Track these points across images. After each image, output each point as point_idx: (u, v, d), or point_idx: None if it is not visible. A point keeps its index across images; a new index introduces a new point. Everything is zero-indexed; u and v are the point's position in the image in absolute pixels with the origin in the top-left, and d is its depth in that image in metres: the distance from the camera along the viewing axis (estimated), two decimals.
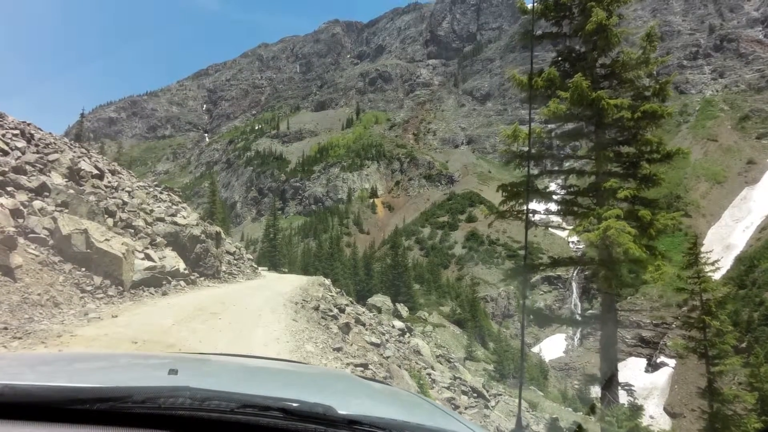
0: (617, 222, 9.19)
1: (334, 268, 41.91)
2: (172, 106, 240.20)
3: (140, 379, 1.57)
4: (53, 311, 5.84)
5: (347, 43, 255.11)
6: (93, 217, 9.38)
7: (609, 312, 11.21)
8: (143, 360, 2.25)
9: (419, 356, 14.65)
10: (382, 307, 34.24)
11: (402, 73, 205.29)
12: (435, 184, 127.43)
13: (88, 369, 1.62)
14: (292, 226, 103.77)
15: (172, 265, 11.23)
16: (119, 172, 17.90)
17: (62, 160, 12.27)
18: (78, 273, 7.74)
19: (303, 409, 1.04)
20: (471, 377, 19.00)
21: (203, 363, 2.11)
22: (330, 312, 10.65)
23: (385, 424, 1.11)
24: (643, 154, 11.16)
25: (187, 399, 1.01)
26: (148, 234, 11.94)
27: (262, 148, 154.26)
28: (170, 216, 14.36)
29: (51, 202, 9.05)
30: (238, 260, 19.35)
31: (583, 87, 9.99)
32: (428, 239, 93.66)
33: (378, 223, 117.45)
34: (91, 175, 13.55)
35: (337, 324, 9.79)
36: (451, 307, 45.48)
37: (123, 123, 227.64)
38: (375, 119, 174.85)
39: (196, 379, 1.56)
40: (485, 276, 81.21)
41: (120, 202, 12.80)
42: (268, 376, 1.96)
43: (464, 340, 34.37)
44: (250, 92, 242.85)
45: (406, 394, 2.26)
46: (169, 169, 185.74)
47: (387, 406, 1.71)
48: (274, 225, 39.77)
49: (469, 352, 28.73)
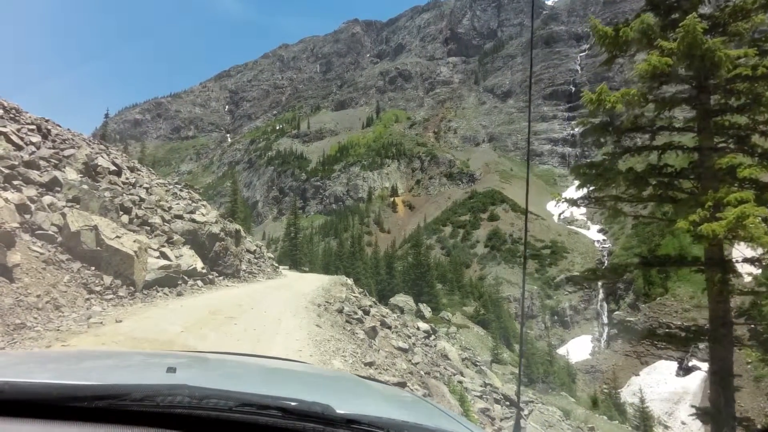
0: (756, 208, 6.89)
1: (356, 267, 41.30)
2: (195, 108, 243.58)
3: (139, 377, 1.53)
4: (51, 315, 5.30)
5: (367, 43, 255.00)
6: (105, 213, 8.90)
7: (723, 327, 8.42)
8: (142, 358, 2.19)
9: (447, 361, 13.89)
10: (404, 308, 33.54)
11: (422, 72, 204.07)
12: (456, 182, 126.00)
13: (87, 367, 1.60)
14: (313, 225, 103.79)
15: (188, 264, 10.71)
16: (138, 169, 17.58)
17: (78, 155, 11.89)
18: (87, 272, 7.23)
19: (301, 408, 1.04)
20: (500, 383, 18.17)
21: (202, 361, 2.08)
22: (354, 315, 9.97)
23: (383, 424, 1.11)
24: (758, 124, 8.67)
25: (185, 397, 1.01)
26: (165, 231, 11.47)
27: (283, 148, 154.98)
28: (189, 213, 13.90)
29: (62, 197, 8.60)
30: (259, 259, 18.87)
31: (697, 31, 7.49)
32: (449, 238, 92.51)
33: (398, 222, 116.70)
34: (108, 171, 13.16)
35: (362, 328, 9.11)
36: (475, 307, 44.44)
37: (148, 124, 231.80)
38: (395, 118, 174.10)
39: (194, 377, 1.56)
40: (508, 275, 79.67)
41: (137, 199, 12.37)
42: (266, 375, 1.93)
43: (489, 342, 33.40)
44: (271, 93, 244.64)
45: (405, 394, 2.19)
46: (192, 170, 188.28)
47: (386, 405, 1.69)
48: (294, 224, 39.31)
49: (495, 355, 27.76)
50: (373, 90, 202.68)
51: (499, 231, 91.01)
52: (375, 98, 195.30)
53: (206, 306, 7.93)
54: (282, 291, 12.43)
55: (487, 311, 42.87)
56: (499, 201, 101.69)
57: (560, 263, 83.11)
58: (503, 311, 45.20)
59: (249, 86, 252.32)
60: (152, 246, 9.76)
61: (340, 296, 11.61)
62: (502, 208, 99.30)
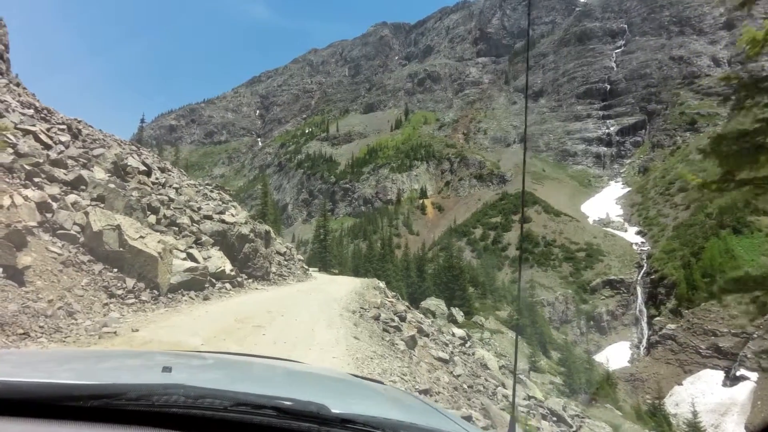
0: None
1: (386, 270, 40.54)
2: (228, 113, 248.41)
3: (134, 376, 1.53)
4: (61, 323, 4.81)
5: (395, 45, 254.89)
6: (131, 212, 8.50)
7: None
8: (137, 357, 2.14)
9: (487, 371, 13.05)
10: (436, 311, 32.60)
11: (451, 73, 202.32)
12: (486, 183, 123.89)
13: (83, 366, 1.58)
14: (343, 227, 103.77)
15: (217, 266, 10.25)
16: (169, 170, 17.40)
17: (107, 155, 11.64)
18: (109, 274, 6.79)
19: (296, 408, 1.04)
20: (541, 394, 17.16)
21: (197, 361, 2.05)
22: (392, 322, 9.27)
23: (378, 423, 1.11)
24: None
25: (180, 397, 1.01)
26: (193, 232, 11.06)
27: (313, 151, 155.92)
28: (218, 214, 13.51)
29: (86, 196, 8.23)
30: (289, 261, 18.43)
31: None
32: (480, 240, 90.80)
33: (428, 224, 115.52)
34: (138, 171, 12.89)
35: (401, 338, 8.41)
36: (509, 311, 43.07)
37: (182, 130, 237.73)
38: (424, 119, 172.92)
39: (189, 376, 1.56)
40: (541, 279, 77.57)
41: (166, 199, 12.04)
42: (262, 375, 1.92)
43: (525, 348, 32.15)
44: (300, 97, 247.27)
45: (400, 394, 2.14)
46: (224, 173, 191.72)
47: (381, 405, 1.70)
48: (324, 226, 38.96)
49: (532, 363, 26.49)
50: (401, 92, 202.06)
51: (531, 233, 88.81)
52: (403, 100, 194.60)
53: (233, 312, 7.36)
54: (313, 295, 11.81)
55: (522, 316, 41.45)
56: (531, 202, 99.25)
57: (596, 266, 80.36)
58: (538, 316, 43.64)
59: (279, 91, 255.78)
60: (179, 247, 9.33)
61: (374, 301, 10.93)
62: (534, 210, 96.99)
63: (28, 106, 11.95)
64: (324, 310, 9.03)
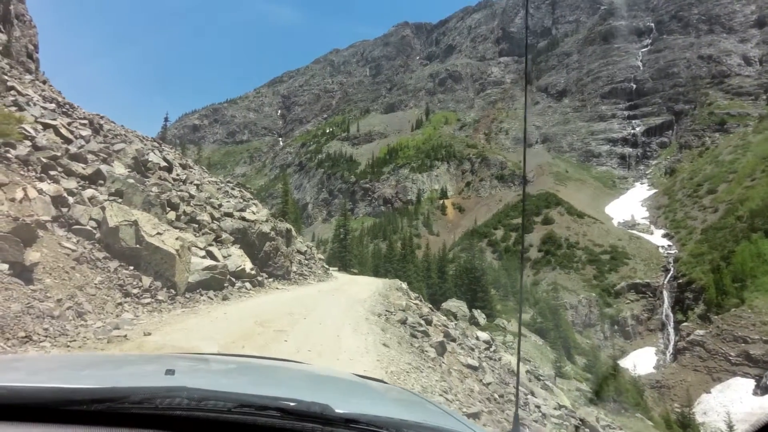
0: None
1: (407, 270, 40.02)
2: (250, 113, 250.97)
3: (137, 379, 1.53)
4: (69, 325, 4.47)
5: (417, 45, 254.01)
6: (149, 208, 8.21)
7: None
8: (140, 360, 2.14)
9: (514, 378, 12.44)
10: (457, 313, 31.99)
11: (472, 73, 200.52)
12: (507, 184, 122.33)
13: (85, 370, 1.59)
14: (364, 226, 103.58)
15: (237, 265, 9.94)
16: (190, 166, 17.25)
17: (128, 150, 11.45)
18: (125, 272, 6.48)
19: (300, 409, 1.05)
20: (568, 401, 16.46)
21: (200, 363, 2.05)
22: (419, 326, 8.78)
23: (383, 423, 1.11)
24: None
25: (184, 399, 1.01)
26: (213, 230, 10.78)
27: (333, 151, 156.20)
28: (239, 211, 13.24)
29: (104, 191, 7.98)
30: (310, 260, 18.11)
31: None
32: (501, 242, 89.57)
33: (448, 224, 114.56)
34: (159, 167, 12.70)
35: (430, 343, 7.93)
36: (531, 315, 42.09)
37: (205, 129, 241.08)
38: (445, 120, 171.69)
39: (193, 379, 1.56)
40: (564, 281, 76.11)
41: (186, 195, 11.80)
42: (265, 376, 1.91)
43: (549, 353, 31.27)
44: (321, 97, 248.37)
45: (404, 393, 2.14)
46: (246, 172, 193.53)
47: (385, 404, 1.71)
48: (344, 225, 38.65)
49: (558, 368, 25.64)
50: (422, 92, 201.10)
51: (554, 235, 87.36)
52: (424, 100, 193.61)
53: (253, 314, 6.97)
54: (336, 296, 11.39)
55: (545, 319, 40.47)
56: (553, 204, 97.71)
57: (621, 270, 78.48)
58: (562, 320, 42.56)
59: (301, 91, 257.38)
60: (198, 245, 9.04)
61: (399, 304, 10.47)
62: (557, 211, 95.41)
63: (51, 100, 11.86)
64: (348, 312, 8.58)
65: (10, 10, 31.13)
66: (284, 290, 11.13)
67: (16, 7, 32.99)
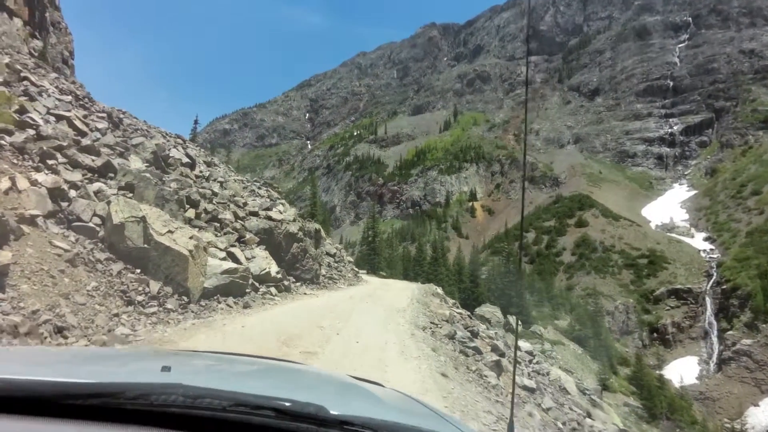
0: None
1: (438, 274, 38.72)
2: (278, 116, 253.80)
3: (133, 375, 1.51)
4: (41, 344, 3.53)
5: (444, 46, 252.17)
6: (163, 204, 7.32)
7: None
8: (136, 356, 2.13)
9: (567, 396, 11.11)
10: (491, 319, 30.59)
11: (501, 73, 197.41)
12: (539, 186, 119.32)
13: (81, 365, 1.58)
14: (393, 228, 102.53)
15: (261, 268, 8.98)
16: (216, 164, 16.50)
17: (147, 144, 10.66)
18: (130, 276, 5.56)
19: (295, 409, 1.05)
20: (619, 420, 14.94)
21: (197, 360, 2.06)
22: (469, 342, 7.59)
23: (377, 425, 1.11)
24: None
25: (179, 396, 1.01)
26: (236, 229, 9.87)
27: (361, 153, 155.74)
28: (264, 210, 12.32)
29: (114, 184, 7.12)
30: (339, 263, 17.12)
31: None
32: (533, 245, 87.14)
33: (477, 227, 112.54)
34: (180, 163, 11.90)
35: (483, 362, 6.75)
36: (569, 321, 40.17)
37: (235, 134, 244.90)
38: (473, 121, 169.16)
39: (189, 376, 1.56)
40: (599, 286, 73.33)
41: (208, 193, 10.95)
42: (261, 375, 1.91)
43: (590, 363, 29.50)
44: (349, 100, 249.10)
45: (400, 396, 2.09)
46: (274, 176, 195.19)
47: (380, 407, 1.70)
48: (373, 227, 37.69)
49: (602, 381, 23.78)
50: (450, 93, 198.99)
51: (588, 238, 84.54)
52: (452, 101, 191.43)
53: (276, 328, 5.89)
54: (371, 304, 10.25)
55: (584, 326, 38.46)
56: (587, 206, 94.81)
57: (660, 274, 75.13)
58: (602, 328, 40.36)
59: (328, 94, 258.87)
60: (219, 245, 8.11)
61: (442, 313, 9.31)
62: (591, 213, 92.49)
63: (68, 93, 11.22)
64: (388, 325, 7.39)
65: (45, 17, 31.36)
66: (313, 296, 10.09)
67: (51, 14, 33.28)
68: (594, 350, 34.12)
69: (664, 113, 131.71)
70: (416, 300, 10.93)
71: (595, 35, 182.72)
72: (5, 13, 20.76)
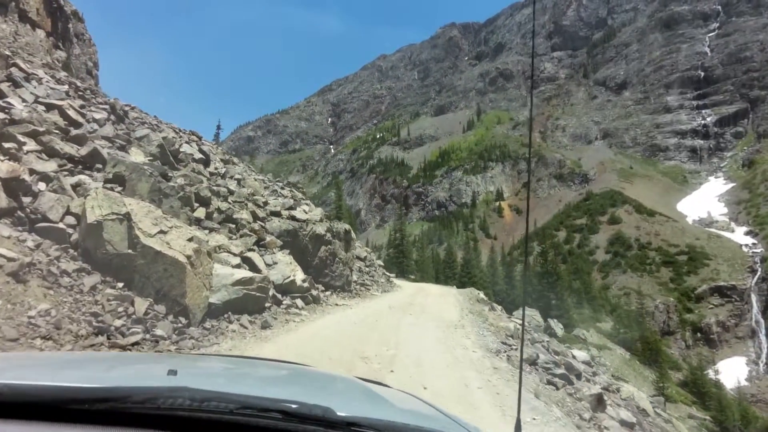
0: None
1: (472, 276, 36.88)
2: (301, 122, 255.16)
3: (139, 379, 1.52)
4: None
5: (464, 45, 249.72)
6: (160, 199, 5.91)
7: None
8: (143, 360, 2.15)
9: (647, 418, 9.26)
10: (531, 323, 28.79)
11: (524, 70, 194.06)
12: (567, 183, 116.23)
13: (88, 369, 1.57)
14: (418, 231, 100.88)
15: (284, 275, 7.52)
16: (234, 162, 15.20)
17: (153, 137, 9.33)
18: (109, 293, 4.13)
19: (302, 411, 1.05)
20: None
21: (202, 363, 2.06)
22: (555, 368, 5.87)
23: (384, 426, 1.12)
24: None
25: (186, 400, 1.01)
26: (255, 231, 8.44)
27: (384, 156, 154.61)
28: (287, 210, 10.89)
29: (100, 177, 5.74)
30: (370, 267, 15.61)
31: None
32: (564, 244, 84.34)
33: (505, 227, 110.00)
34: (193, 159, 10.55)
35: (578, 395, 5.10)
36: (613, 324, 37.72)
37: (259, 141, 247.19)
38: (497, 119, 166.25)
39: (195, 379, 1.56)
40: (636, 285, 70.18)
41: (223, 190, 9.56)
42: (267, 378, 1.91)
43: (641, 369, 27.21)
44: (371, 103, 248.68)
45: (406, 397, 2.05)
46: (299, 181, 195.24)
47: (387, 408, 1.67)
48: (400, 230, 36.14)
49: (660, 391, 21.44)
50: (472, 92, 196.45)
51: (622, 235, 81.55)
52: (475, 101, 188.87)
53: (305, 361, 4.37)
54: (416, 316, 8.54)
55: (629, 329, 36.00)
56: (620, 202, 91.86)
57: (701, 271, 71.66)
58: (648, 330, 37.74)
59: (350, 98, 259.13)
60: (232, 249, 6.68)
61: (504, 326, 7.66)
62: (624, 210, 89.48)
63: (66, 83, 10.04)
64: (456, 351, 5.56)
65: (69, 28, 30.93)
66: (346, 307, 8.55)
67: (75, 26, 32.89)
68: (642, 354, 31.71)
69: (696, 105, 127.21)
70: (467, 310, 9.28)
71: (620, 28, 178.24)
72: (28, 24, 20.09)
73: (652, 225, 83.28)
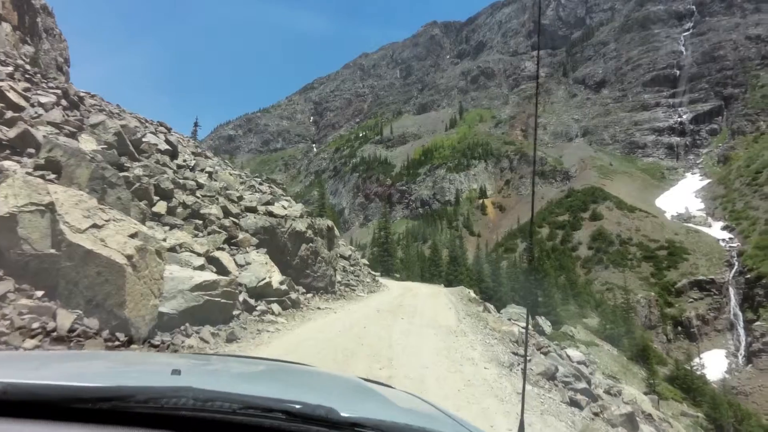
0: None
1: (458, 274, 36.28)
2: (283, 121, 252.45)
3: (143, 378, 1.52)
4: None
5: (446, 44, 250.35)
6: (103, 189, 4.94)
7: None
8: (146, 360, 2.16)
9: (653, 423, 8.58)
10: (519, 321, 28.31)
11: (505, 68, 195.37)
12: (549, 181, 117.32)
13: (91, 368, 1.59)
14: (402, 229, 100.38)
15: (259, 277, 6.60)
16: (207, 156, 14.15)
17: (109, 124, 8.29)
18: (23, 303, 3.18)
19: (305, 411, 1.05)
20: None
21: (206, 363, 2.06)
22: (576, 383, 5.07)
23: (388, 427, 1.12)
24: None
25: (189, 399, 1.02)
26: (225, 227, 7.49)
27: (367, 155, 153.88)
28: (264, 205, 9.94)
29: (30, 163, 4.77)
30: (355, 267, 14.74)
31: None
32: (547, 240, 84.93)
33: (488, 224, 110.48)
34: (157, 149, 9.53)
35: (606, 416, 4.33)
36: (599, 320, 37.47)
37: (240, 139, 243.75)
38: (479, 117, 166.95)
39: (199, 379, 1.57)
40: (618, 280, 70.76)
41: (191, 184, 8.59)
42: (271, 378, 1.91)
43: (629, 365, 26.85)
44: (353, 101, 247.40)
45: (410, 398, 2.05)
46: (281, 180, 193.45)
47: (390, 409, 1.66)
48: (386, 228, 35.37)
49: (651, 388, 21.08)
50: (454, 91, 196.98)
51: (604, 231, 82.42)
52: (457, 99, 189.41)
53: None
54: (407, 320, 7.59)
55: (615, 324, 35.78)
56: (601, 198, 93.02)
57: (680, 266, 72.81)
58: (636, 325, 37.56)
59: (332, 97, 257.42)
60: (196, 248, 5.76)
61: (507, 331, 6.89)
62: (605, 206, 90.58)
63: (11, 65, 8.96)
64: (463, 367, 4.60)
65: (37, 23, 29.24)
66: (329, 311, 7.65)
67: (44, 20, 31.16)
68: (629, 350, 31.45)
69: (672, 103, 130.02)
70: (463, 312, 8.49)
71: (598, 27, 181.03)
72: None
73: (633, 221, 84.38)
